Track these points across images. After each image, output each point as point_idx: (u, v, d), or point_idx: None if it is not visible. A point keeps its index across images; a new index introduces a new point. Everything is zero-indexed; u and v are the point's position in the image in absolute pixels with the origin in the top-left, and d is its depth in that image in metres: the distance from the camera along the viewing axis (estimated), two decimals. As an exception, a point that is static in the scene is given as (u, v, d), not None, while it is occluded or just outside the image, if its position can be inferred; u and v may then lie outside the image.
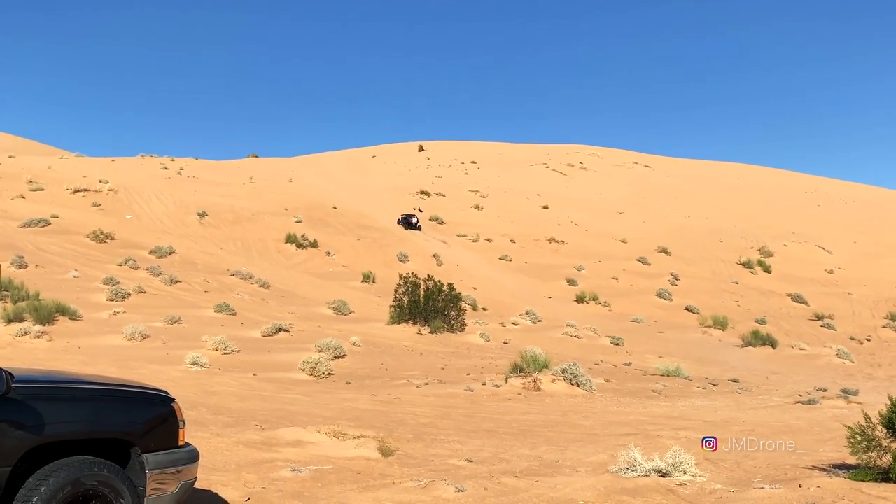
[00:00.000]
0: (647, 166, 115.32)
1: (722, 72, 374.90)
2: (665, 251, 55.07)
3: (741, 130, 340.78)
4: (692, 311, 40.71)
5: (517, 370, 16.50)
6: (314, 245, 42.77)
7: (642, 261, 51.47)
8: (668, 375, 20.37)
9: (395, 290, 27.16)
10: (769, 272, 53.46)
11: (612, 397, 15.84)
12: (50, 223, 36.54)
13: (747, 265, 53.98)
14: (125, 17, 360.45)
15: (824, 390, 19.09)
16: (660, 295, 43.81)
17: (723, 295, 45.81)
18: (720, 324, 35.95)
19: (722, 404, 15.76)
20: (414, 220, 55.60)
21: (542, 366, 16.55)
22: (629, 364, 23.19)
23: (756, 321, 38.10)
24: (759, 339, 31.12)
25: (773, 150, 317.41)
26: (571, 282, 44.67)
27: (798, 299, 45.40)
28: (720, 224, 70.13)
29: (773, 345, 30.82)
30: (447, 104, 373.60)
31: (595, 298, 40.96)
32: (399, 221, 55.63)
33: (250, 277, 32.02)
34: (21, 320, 19.07)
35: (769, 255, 57.42)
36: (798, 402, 16.06)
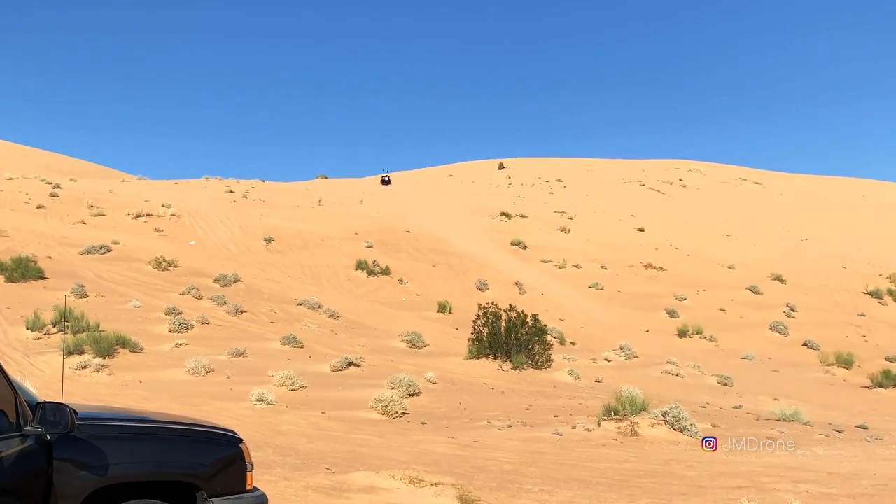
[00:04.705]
0: (756, 183, 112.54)
1: (845, 73, 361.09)
2: (779, 279, 53.39)
3: (864, 141, 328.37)
4: (812, 347, 39.26)
5: (611, 412, 16.21)
6: (386, 272, 43.24)
7: (753, 290, 50.02)
8: (784, 420, 19.65)
9: (474, 322, 27.10)
10: (902, 303, 51.15)
11: (720, 445, 15.36)
12: (111, 250, 38.08)
13: (875, 295, 51.77)
14: (181, 43, 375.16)
15: (972, 440, 18.05)
16: (774, 329, 42.44)
17: (847, 329, 44.05)
18: (845, 362, 34.52)
19: (849, 454, 15.09)
20: (386, 179, 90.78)
21: (640, 408, 16.22)
22: (740, 407, 22.48)
23: (887, 359, 36.42)
24: (891, 380, 29.69)
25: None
26: (672, 313, 43.75)
27: (938, 334, 43.22)
28: (843, 248, 67.66)
29: (909, 386, 29.38)
30: (529, 117, 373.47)
31: (699, 332, 39.98)
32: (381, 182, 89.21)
33: (319, 307, 32.57)
34: (81, 353, 19.92)
35: (902, 282, 55.00)
36: (941, 454, 15.24)
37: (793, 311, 46.37)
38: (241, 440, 5.29)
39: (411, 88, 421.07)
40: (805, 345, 39.99)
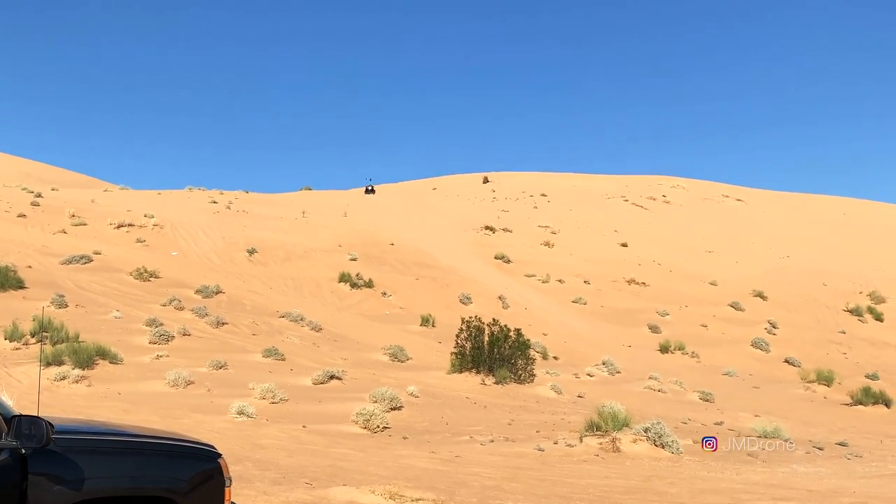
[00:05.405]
0: (739, 200, 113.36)
1: (826, 91, 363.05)
2: (761, 295, 53.74)
3: (846, 160, 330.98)
4: (793, 364, 39.50)
5: (593, 428, 16.22)
6: (369, 285, 43.17)
7: (735, 306, 50.31)
8: (765, 437, 19.72)
9: (457, 336, 27.07)
10: (881, 320, 51.52)
11: (701, 461, 15.41)
12: (92, 260, 37.81)
13: (856, 312, 52.19)
14: (163, 51, 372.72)
15: (950, 458, 18.17)
16: (755, 345, 42.68)
17: (828, 346, 44.36)
18: (825, 379, 34.75)
19: (829, 471, 15.17)
20: (370, 188, 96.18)
21: (622, 424, 16.24)
22: (721, 423, 22.55)
23: (867, 376, 36.72)
24: (871, 397, 29.91)
25: (886, 182, 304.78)
26: (654, 328, 43.91)
27: (917, 352, 43.58)
28: (824, 265, 68.20)
29: (888, 404, 29.55)
30: (514, 132, 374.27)
31: (681, 348, 40.14)
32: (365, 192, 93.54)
33: (301, 319, 32.45)
34: (60, 363, 19.71)
35: (881, 300, 55.42)
36: (920, 472, 15.34)
37: (774, 327, 46.64)
38: (219, 455, 5.24)
39: (398, 97, 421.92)
40: (786, 361, 40.23)
